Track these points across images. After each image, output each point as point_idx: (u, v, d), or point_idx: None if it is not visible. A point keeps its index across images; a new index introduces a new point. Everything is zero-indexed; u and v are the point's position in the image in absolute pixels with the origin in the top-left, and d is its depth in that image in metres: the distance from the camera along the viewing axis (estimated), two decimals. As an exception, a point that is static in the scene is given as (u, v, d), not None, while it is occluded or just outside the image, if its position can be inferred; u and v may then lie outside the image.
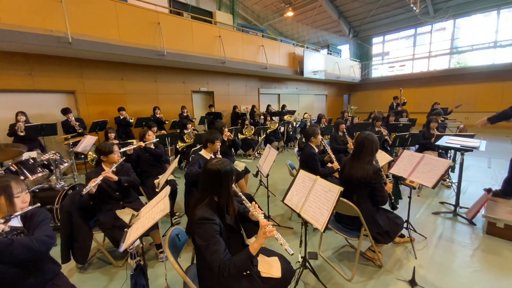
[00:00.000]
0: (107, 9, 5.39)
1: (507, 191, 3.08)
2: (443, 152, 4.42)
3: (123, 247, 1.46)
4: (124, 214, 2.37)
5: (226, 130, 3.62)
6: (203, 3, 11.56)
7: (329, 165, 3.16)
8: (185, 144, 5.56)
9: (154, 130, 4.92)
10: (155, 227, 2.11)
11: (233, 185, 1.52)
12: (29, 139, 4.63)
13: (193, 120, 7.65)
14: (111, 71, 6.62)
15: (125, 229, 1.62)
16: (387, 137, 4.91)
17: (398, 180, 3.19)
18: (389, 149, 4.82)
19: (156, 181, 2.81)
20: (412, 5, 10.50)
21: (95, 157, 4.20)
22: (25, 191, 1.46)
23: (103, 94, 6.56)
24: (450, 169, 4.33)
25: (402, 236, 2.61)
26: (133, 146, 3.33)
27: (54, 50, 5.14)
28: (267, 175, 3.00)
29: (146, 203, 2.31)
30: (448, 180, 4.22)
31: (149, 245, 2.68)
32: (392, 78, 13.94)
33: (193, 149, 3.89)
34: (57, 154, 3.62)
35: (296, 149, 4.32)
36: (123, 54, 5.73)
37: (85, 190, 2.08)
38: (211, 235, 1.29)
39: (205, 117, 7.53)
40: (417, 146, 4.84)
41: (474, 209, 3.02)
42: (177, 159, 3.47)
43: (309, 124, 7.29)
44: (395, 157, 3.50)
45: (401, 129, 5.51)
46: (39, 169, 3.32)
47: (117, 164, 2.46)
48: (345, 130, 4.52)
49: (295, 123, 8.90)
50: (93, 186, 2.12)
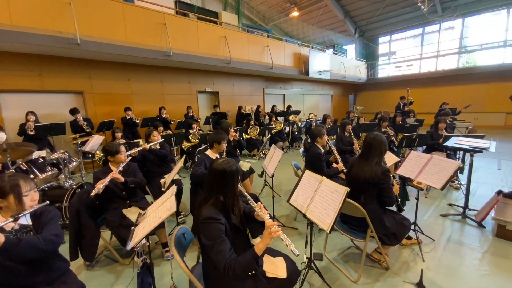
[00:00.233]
0: (114, 10, 5.47)
1: (518, 193, 3.00)
2: (451, 153, 4.35)
3: (130, 245, 1.48)
4: (130, 213, 2.40)
5: (232, 130, 3.64)
6: (208, 3, 11.61)
7: (334, 165, 3.14)
8: (191, 144, 5.61)
9: (160, 130, 4.98)
10: (161, 226, 2.12)
11: (238, 185, 1.52)
12: (39, 139, 4.71)
13: (199, 120, 7.70)
14: (118, 72, 6.71)
15: (132, 228, 1.64)
16: (393, 138, 4.85)
17: (405, 181, 3.15)
18: (396, 150, 4.76)
19: (162, 181, 2.84)
20: (420, 4, 10.32)
21: (103, 156, 4.27)
22: (34, 189, 1.48)
23: (110, 94, 6.66)
24: (459, 171, 4.25)
25: (409, 238, 2.57)
26: (138, 148, 3.37)
27: (63, 51, 5.24)
28: (272, 175, 3.00)
29: (152, 202, 2.34)
30: (456, 181, 4.15)
31: (155, 243, 2.71)
32: (398, 78, 13.73)
33: (198, 149, 3.91)
34: (66, 153, 3.68)
35: (301, 150, 4.30)
36: (130, 54, 5.81)
37: (93, 191, 2.11)
38: (217, 234, 1.30)
39: (210, 117, 7.56)
40: (425, 147, 4.77)
41: (483, 211, 2.96)
42: (182, 159, 3.50)
43: (314, 124, 7.24)
44: (402, 158, 3.45)
45: (408, 130, 5.42)
46: (48, 168, 3.39)
47: (123, 164, 2.50)
48: (351, 131, 4.48)
49: (300, 124, 8.87)
50: (101, 187, 2.15)
